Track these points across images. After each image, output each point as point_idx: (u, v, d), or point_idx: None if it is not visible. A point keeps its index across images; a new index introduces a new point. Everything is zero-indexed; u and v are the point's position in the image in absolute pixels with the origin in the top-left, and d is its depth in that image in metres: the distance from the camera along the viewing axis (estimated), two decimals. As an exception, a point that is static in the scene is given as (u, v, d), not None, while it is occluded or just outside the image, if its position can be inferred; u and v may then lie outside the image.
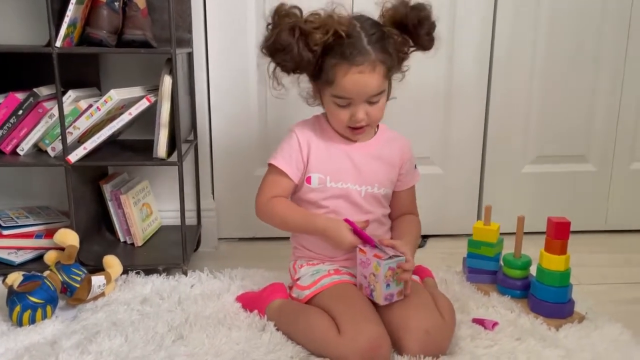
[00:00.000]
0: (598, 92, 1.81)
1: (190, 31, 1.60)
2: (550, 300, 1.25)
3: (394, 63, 1.18)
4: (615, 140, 1.86)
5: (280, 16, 1.14)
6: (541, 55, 1.76)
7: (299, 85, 1.25)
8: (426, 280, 1.34)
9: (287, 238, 1.80)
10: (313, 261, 1.29)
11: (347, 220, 1.19)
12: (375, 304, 1.15)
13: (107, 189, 1.58)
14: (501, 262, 1.42)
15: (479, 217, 1.88)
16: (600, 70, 1.79)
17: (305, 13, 1.16)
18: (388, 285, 1.12)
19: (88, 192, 1.56)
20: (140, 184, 1.65)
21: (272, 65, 1.19)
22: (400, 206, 1.34)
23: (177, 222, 1.76)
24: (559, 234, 1.25)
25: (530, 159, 1.86)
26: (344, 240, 1.18)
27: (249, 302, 1.31)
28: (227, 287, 1.41)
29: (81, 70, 1.55)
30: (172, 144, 1.45)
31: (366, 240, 1.17)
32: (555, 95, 1.80)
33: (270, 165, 1.27)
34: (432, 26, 1.18)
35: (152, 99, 1.36)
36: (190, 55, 1.61)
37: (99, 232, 1.63)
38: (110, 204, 1.58)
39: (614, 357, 1.13)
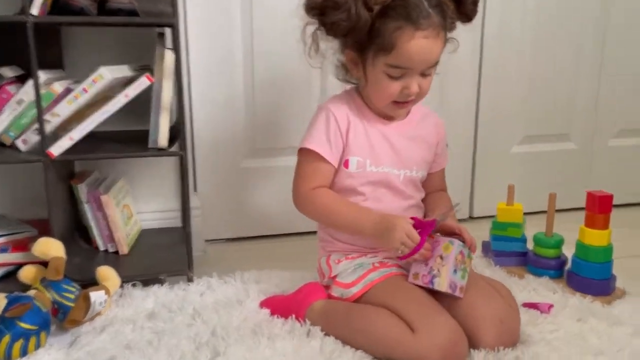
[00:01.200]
0: (580, 74, 1.84)
1: (173, 4, 1.39)
2: (595, 277, 1.22)
3: (448, 30, 1.08)
4: (595, 119, 1.90)
5: None
6: (530, 40, 1.76)
7: (335, 53, 1.11)
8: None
9: (279, 235, 1.67)
10: (352, 254, 1.16)
11: (413, 218, 1.06)
12: (435, 296, 1.04)
13: (82, 189, 1.33)
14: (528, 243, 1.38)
15: (471, 199, 1.85)
16: (581, 52, 1.82)
17: None
18: (455, 271, 1.02)
19: (61, 194, 1.31)
20: (118, 183, 1.41)
21: (311, 28, 1.05)
22: (432, 189, 1.25)
23: (157, 224, 1.59)
24: (602, 207, 1.22)
25: (518, 139, 1.85)
26: (397, 225, 1.02)
27: (279, 307, 1.15)
28: (243, 292, 1.24)
29: (42, 49, 1.29)
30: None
31: (427, 226, 1.04)
32: (542, 77, 1.80)
33: (304, 150, 1.12)
34: None
35: (153, 78, 1.15)
36: (174, 31, 1.41)
37: (73, 240, 1.38)
38: (87, 207, 1.33)
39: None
